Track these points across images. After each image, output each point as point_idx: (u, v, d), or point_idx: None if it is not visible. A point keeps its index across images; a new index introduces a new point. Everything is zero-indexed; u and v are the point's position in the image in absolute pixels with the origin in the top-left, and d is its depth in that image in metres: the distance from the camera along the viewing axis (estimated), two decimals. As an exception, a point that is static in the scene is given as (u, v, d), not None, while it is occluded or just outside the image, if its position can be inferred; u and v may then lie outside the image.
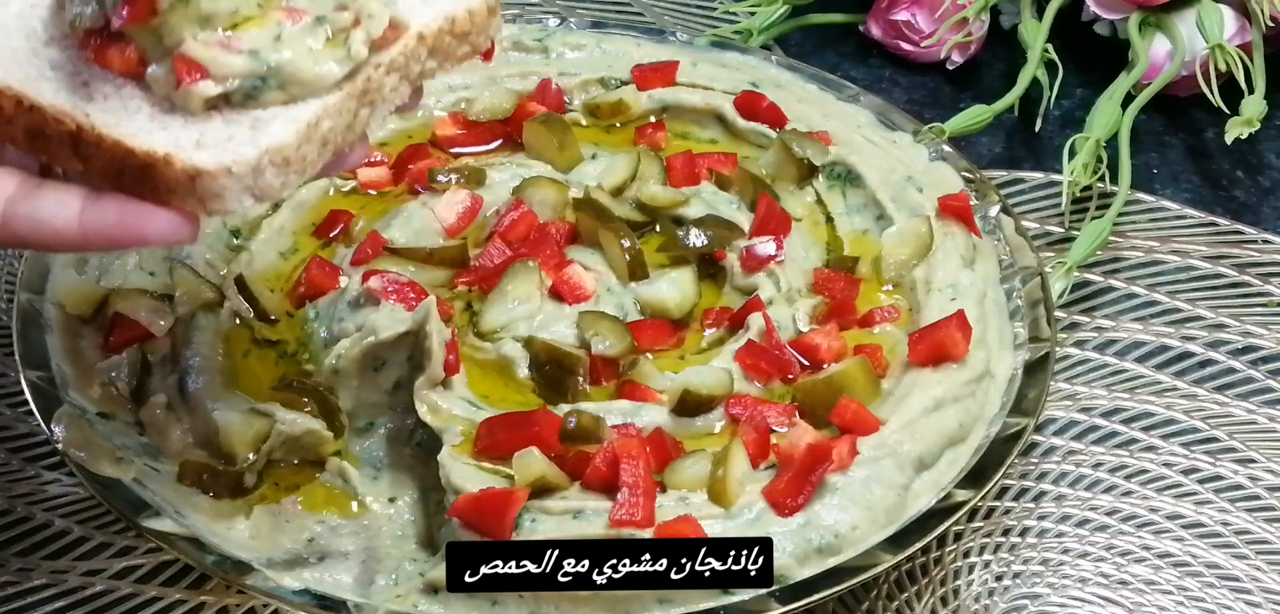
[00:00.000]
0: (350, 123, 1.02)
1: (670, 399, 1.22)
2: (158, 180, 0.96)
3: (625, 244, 1.33)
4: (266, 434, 1.19)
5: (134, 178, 0.97)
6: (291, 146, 0.98)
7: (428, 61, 1.06)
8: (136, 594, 1.21)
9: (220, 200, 0.97)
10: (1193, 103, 1.62)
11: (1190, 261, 1.51)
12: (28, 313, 1.27)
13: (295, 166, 0.99)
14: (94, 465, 1.17)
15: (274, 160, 0.98)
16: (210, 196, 0.96)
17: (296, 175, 0.99)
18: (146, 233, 0.97)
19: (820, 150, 1.44)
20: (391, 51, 1.03)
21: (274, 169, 0.98)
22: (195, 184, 0.96)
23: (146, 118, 0.98)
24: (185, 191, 0.96)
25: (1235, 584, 1.26)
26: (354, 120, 1.02)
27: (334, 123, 1.01)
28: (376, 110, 1.04)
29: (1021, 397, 1.27)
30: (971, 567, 1.26)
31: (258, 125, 0.98)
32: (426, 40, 1.05)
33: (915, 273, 1.35)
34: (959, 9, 1.64)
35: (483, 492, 1.14)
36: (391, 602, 1.13)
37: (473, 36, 1.07)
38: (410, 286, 1.26)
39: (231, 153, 0.97)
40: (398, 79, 1.04)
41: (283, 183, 0.99)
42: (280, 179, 0.98)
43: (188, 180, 0.96)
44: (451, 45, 1.06)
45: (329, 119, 1.01)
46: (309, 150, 1.00)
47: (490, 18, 1.07)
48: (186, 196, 0.96)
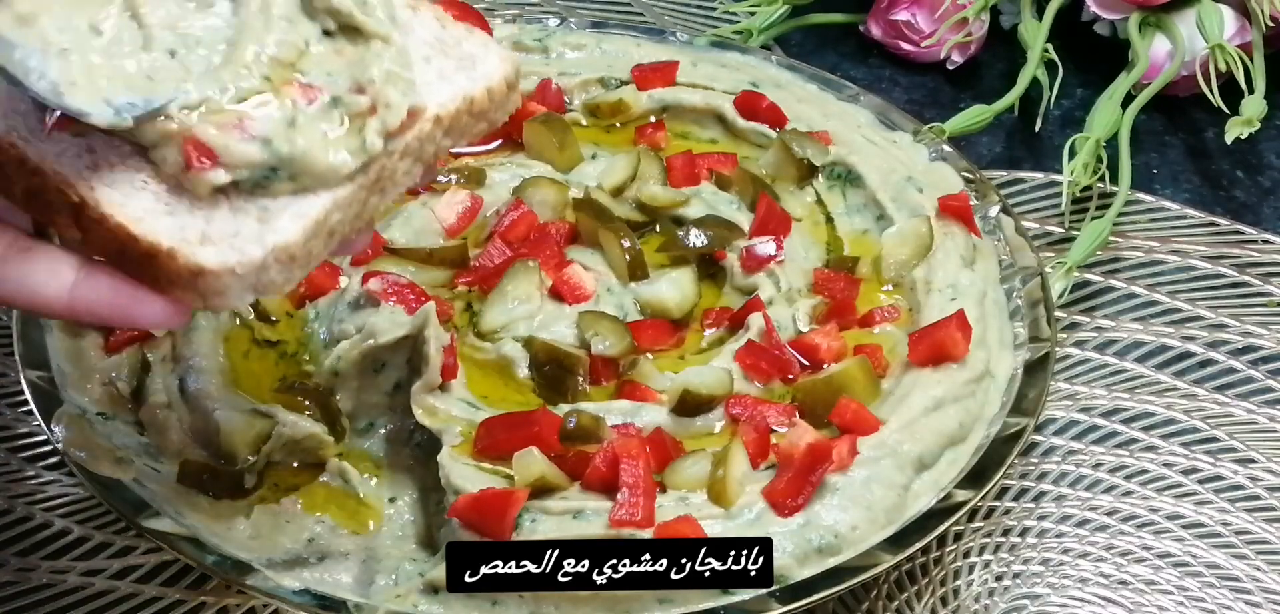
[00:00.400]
0: (359, 212, 0.99)
1: (670, 399, 1.22)
2: (159, 271, 0.93)
3: (625, 244, 1.33)
4: (267, 435, 1.19)
5: (134, 262, 0.94)
6: (298, 244, 0.95)
7: (443, 141, 1.01)
8: (136, 594, 1.21)
9: (222, 297, 0.94)
10: (1193, 103, 1.62)
11: (1190, 261, 1.51)
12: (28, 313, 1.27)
13: (300, 262, 0.96)
14: (94, 465, 1.17)
15: (280, 258, 0.95)
16: (212, 294, 0.94)
17: (300, 270, 0.96)
18: (136, 316, 0.95)
19: (820, 150, 1.44)
20: (407, 137, 0.99)
21: (279, 266, 0.95)
22: (197, 281, 0.93)
23: (152, 197, 0.95)
24: (186, 285, 0.93)
25: (1235, 584, 1.26)
26: (363, 209, 0.99)
27: (343, 214, 0.98)
28: (386, 195, 1.00)
29: (1021, 397, 1.27)
30: (971, 567, 1.26)
31: (265, 219, 0.95)
32: (443, 122, 1.01)
33: (915, 273, 1.35)
34: (959, 9, 1.64)
35: (482, 492, 1.14)
36: (391, 602, 1.13)
37: (491, 113, 1.02)
38: (410, 288, 1.26)
39: (237, 252, 0.94)
40: (411, 163, 1.00)
41: (286, 279, 0.96)
42: (284, 275, 0.95)
43: (190, 276, 0.93)
44: (468, 124, 1.02)
45: (338, 212, 0.97)
46: (315, 245, 0.96)
47: (509, 94, 1.03)
48: (187, 290, 0.94)
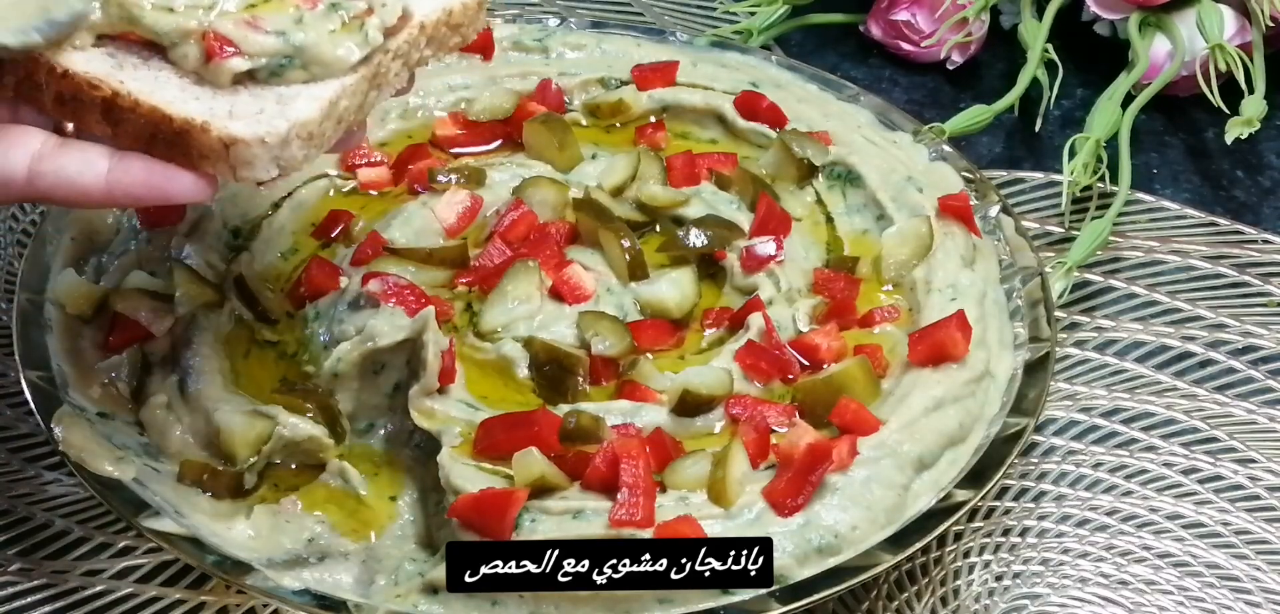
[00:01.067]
0: (362, 103, 1.09)
1: (670, 399, 1.22)
2: (191, 146, 1.03)
3: (625, 244, 1.33)
4: (268, 436, 1.19)
5: (166, 143, 1.03)
6: (315, 122, 1.05)
7: (425, 50, 1.12)
8: (136, 594, 1.21)
9: (250, 167, 1.03)
10: (1193, 103, 1.62)
11: (1190, 261, 1.51)
12: (28, 313, 1.27)
13: (316, 141, 1.06)
14: (94, 465, 1.17)
15: (300, 134, 1.04)
16: (241, 164, 1.03)
17: (316, 149, 1.06)
18: (171, 191, 1.03)
19: (820, 150, 1.44)
20: (399, 38, 1.10)
21: (299, 142, 1.05)
22: (229, 152, 1.03)
23: (177, 89, 1.05)
24: (217, 158, 1.03)
25: (1235, 584, 1.26)
26: (365, 101, 1.09)
27: (349, 102, 1.08)
28: (381, 93, 1.11)
29: (1021, 397, 1.27)
30: (971, 567, 1.26)
31: (284, 101, 1.05)
32: (426, 29, 1.12)
33: (915, 273, 1.35)
34: (959, 9, 1.64)
35: (482, 492, 1.14)
36: (391, 602, 1.13)
37: (463, 28, 1.14)
38: (410, 289, 1.26)
39: (264, 124, 1.03)
40: (401, 65, 1.11)
41: (305, 155, 1.05)
42: (304, 152, 1.05)
43: (222, 148, 1.02)
44: (445, 35, 1.13)
45: (346, 99, 1.07)
46: (328, 126, 1.07)
47: (479, 11, 1.15)
48: (218, 162, 1.03)
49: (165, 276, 1.30)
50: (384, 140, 1.45)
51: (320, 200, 1.40)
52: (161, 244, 1.32)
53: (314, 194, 1.40)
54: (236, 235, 1.36)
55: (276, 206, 1.38)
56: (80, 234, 1.33)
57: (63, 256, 1.32)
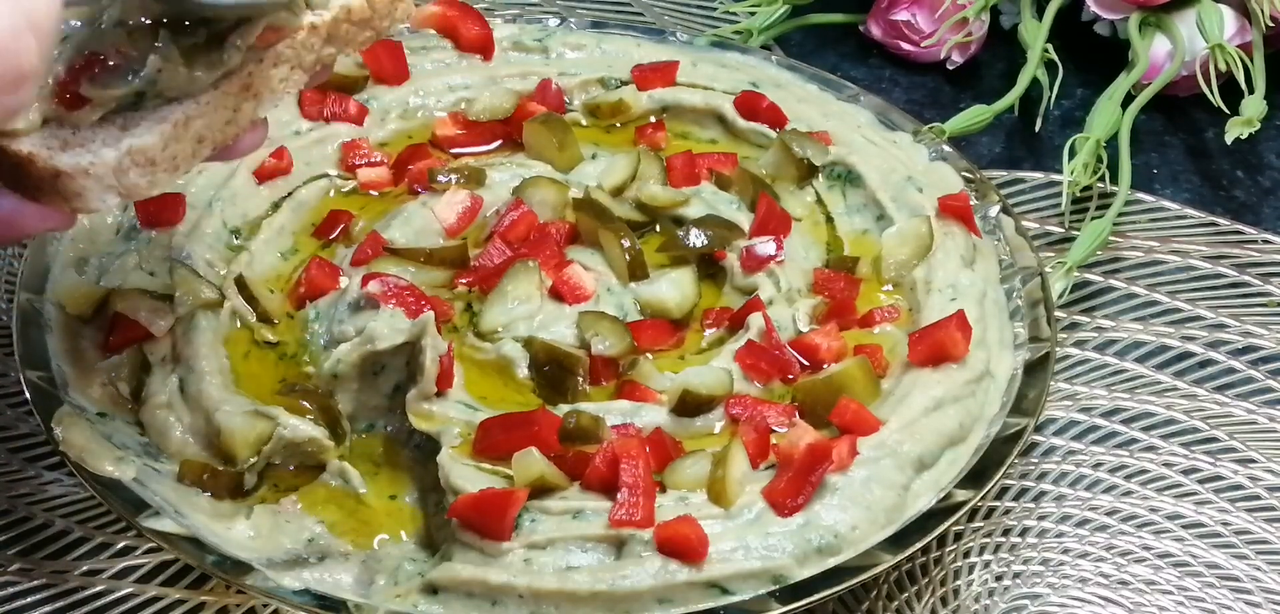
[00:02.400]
0: (230, 118, 1.05)
1: (670, 399, 1.22)
2: (26, 178, 1.00)
3: (625, 244, 1.33)
4: (268, 436, 1.19)
5: (7, 174, 1.00)
6: (156, 147, 1.01)
7: (325, 49, 1.08)
8: (136, 594, 1.21)
9: (81, 199, 1.00)
10: (1193, 103, 1.62)
11: (1190, 261, 1.51)
12: (28, 313, 1.27)
13: (163, 165, 1.02)
14: (94, 465, 1.17)
15: (138, 160, 1.01)
16: (72, 195, 1.00)
17: (165, 173, 1.02)
18: (23, 226, 1.02)
19: (820, 150, 1.44)
20: (277, 47, 1.05)
21: (138, 169, 1.01)
22: (56, 182, 0.99)
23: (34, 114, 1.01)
24: (50, 189, 1.00)
25: (1235, 584, 1.26)
26: (235, 115, 1.05)
27: (209, 120, 1.03)
28: (263, 101, 1.06)
29: (1021, 397, 1.27)
30: (971, 567, 1.26)
31: (126, 126, 1.01)
32: (320, 30, 1.07)
33: (915, 273, 1.35)
34: (959, 9, 1.64)
35: (482, 492, 1.14)
36: (391, 602, 1.13)
37: (375, 21, 1.09)
38: (410, 291, 1.26)
39: (92, 154, 1.00)
40: (288, 69, 1.06)
41: (149, 181, 1.01)
42: (146, 178, 1.01)
43: (50, 178, 0.99)
44: (351, 32, 1.09)
45: (201, 118, 1.03)
46: (179, 148, 1.02)
47: (395, 4, 1.10)
48: (52, 194, 1.00)
49: (165, 276, 1.30)
50: (384, 140, 1.45)
51: (320, 200, 1.40)
52: (161, 244, 1.32)
53: (314, 194, 1.40)
54: (236, 235, 1.36)
55: (276, 207, 1.38)
56: (80, 234, 1.33)
57: (63, 257, 1.32)
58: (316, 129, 1.43)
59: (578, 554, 1.13)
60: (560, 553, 1.13)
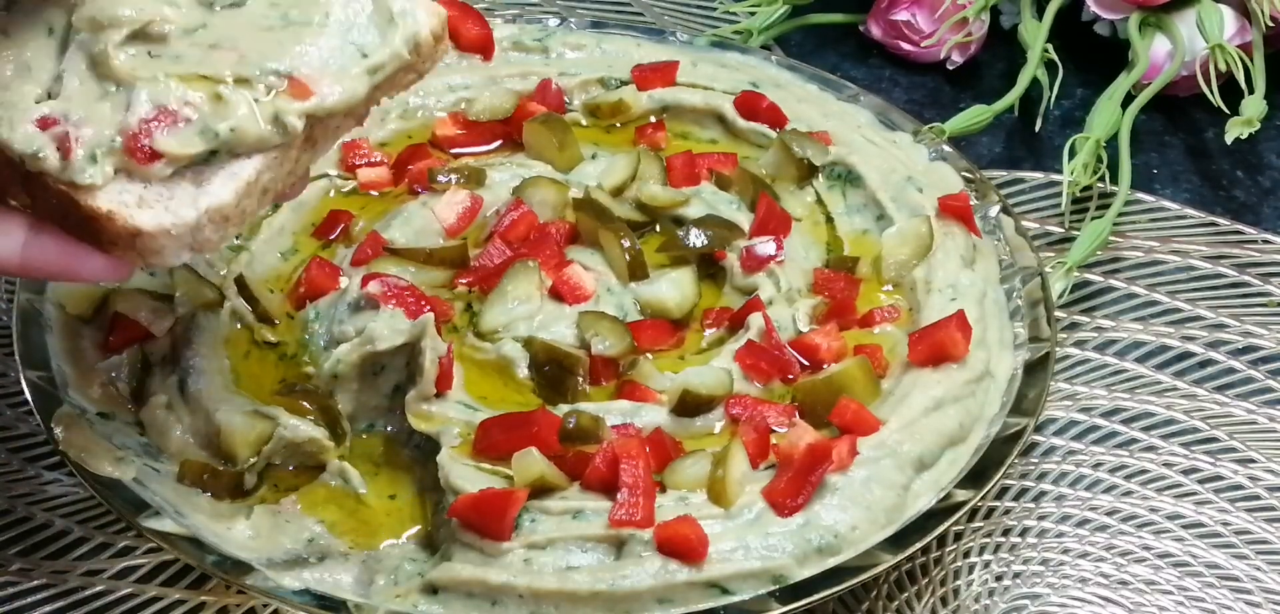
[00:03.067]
0: (291, 170, 1.06)
1: (670, 399, 1.22)
2: (100, 231, 1.00)
3: (625, 244, 1.33)
4: (268, 437, 1.20)
5: (77, 224, 1.01)
6: (231, 205, 1.03)
7: (374, 94, 1.08)
8: (136, 594, 1.21)
9: (159, 256, 1.01)
10: (1193, 103, 1.62)
11: (1190, 261, 1.51)
12: (28, 313, 1.27)
13: (234, 221, 1.03)
14: (94, 465, 1.17)
15: (213, 219, 1.02)
16: (149, 253, 1.01)
17: (234, 227, 1.03)
18: (81, 273, 1.03)
19: (820, 150, 1.44)
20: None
21: (213, 225, 1.02)
22: (135, 241, 1.01)
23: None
24: (125, 245, 1.01)
25: (1235, 584, 1.26)
26: (295, 166, 1.06)
27: (275, 173, 1.05)
28: (319, 151, 1.07)
29: (1021, 397, 1.27)
30: (971, 567, 1.26)
31: (200, 182, 1.02)
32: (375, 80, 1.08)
33: (915, 273, 1.35)
34: (959, 9, 1.64)
35: (482, 492, 1.14)
36: (391, 602, 1.13)
37: (419, 65, 1.10)
38: (410, 291, 1.25)
39: (172, 214, 1.01)
40: (342, 118, 1.07)
41: (221, 237, 1.03)
42: (219, 234, 1.03)
43: (128, 237, 1.00)
44: (399, 77, 1.09)
45: (269, 171, 1.04)
46: (248, 203, 1.04)
47: (437, 46, 1.11)
48: (126, 250, 1.01)
49: (165, 277, 1.30)
50: (384, 140, 1.45)
51: (320, 200, 1.40)
52: (161, 244, 1.32)
53: (314, 194, 1.40)
54: (236, 235, 1.36)
55: (276, 207, 1.38)
56: (80, 234, 1.33)
57: (63, 256, 1.32)
58: (316, 129, 1.43)
59: (578, 554, 1.13)
60: (560, 553, 1.13)
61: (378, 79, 1.08)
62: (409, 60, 1.09)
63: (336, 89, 1.06)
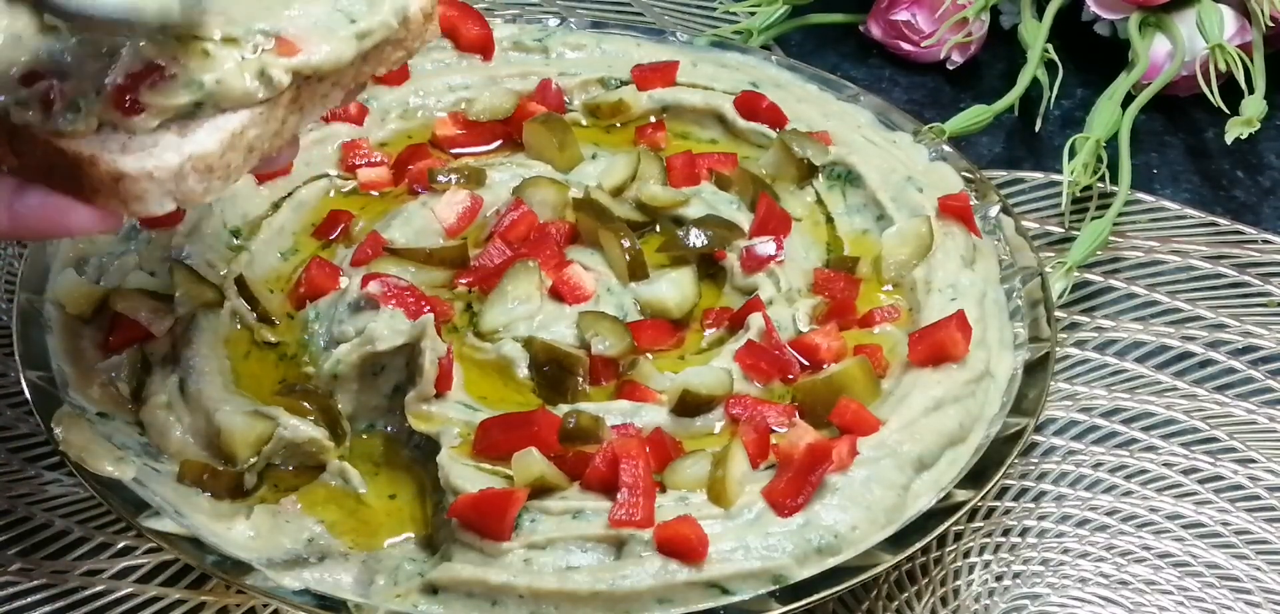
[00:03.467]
0: (278, 129, 1.06)
1: (670, 399, 1.22)
2: (83, 179, 1.01)
3: (625, 244, 1.33)
4: (268, 437, 1.19)
5: (63, 174, 1.01)
6: (215, 155, 1.03)
7: (363, 68, 1.09)
8: (136, 594, 1.21)
9: (141, 202, 1.01)
10: (1193, 103, 1.62)
11: (1190, 261, 1.51)
12: (28, 313, 1.27)
13: (219, 173, 1.03)
14: (94, 465, 1.17)
15: (197, 167, 1.02)
16: (132, 198, 1.01)
17: (220, 181, 1.03)
18: (68, 224, 1.03)
19: (820, 150, 1.44)
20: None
21: (197, 175, 1.02)
22: (118, 186, 1.01)
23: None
24: (108, 192, 1.01)
25: (1235, 584, 1.26)
26: (282, 127, 1.06)
27: (261, 130, 1.05)
28: (306, 115, 1.08)
29: (1021, 397, 1.27)
30: (971, 567, 1.26)
31: (184, 131, 1.02)
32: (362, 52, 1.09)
33: (915, 273, 1.35)
34: (959, 9, 1.64)
35: (482, 492, 1.14)
36: (391, 602, 1.13)
37: (407, 42, 1.11)
38: (410, 292, 1.25)
39: (154, 158, 1.01)
40: (329, 86, 1.08)
41: (205, 188, 1.03)
42: (203, 184, 1.02)
43: (111, 182, 1.00)
44: (388, 53, 1.10)
45: (255, 128, 1.04)
46: (233, 157, 1.04)
47: (426, 24, 1.11)
48: (110, 197, 1.01)
49: (165, 277, 1.30)
50: (384, 140, 1.45)
51: (320, 200, 1.40)
52: (161, 244, 1.32)
53: (314, 194, 1.40)
54: (236, 235, 1.36)
55: (276, 207, 1.38)
56: (80, 234, 1.33)
57: (63, 257, 1.32)
58: (316, 129, 1.43)
59: (578, 554, 1.13)
60: (560, 553, 1.13)
61: (365, 46, 1.08)
62: (397, 32, 1.09)
63: (324, 48, 1.06)
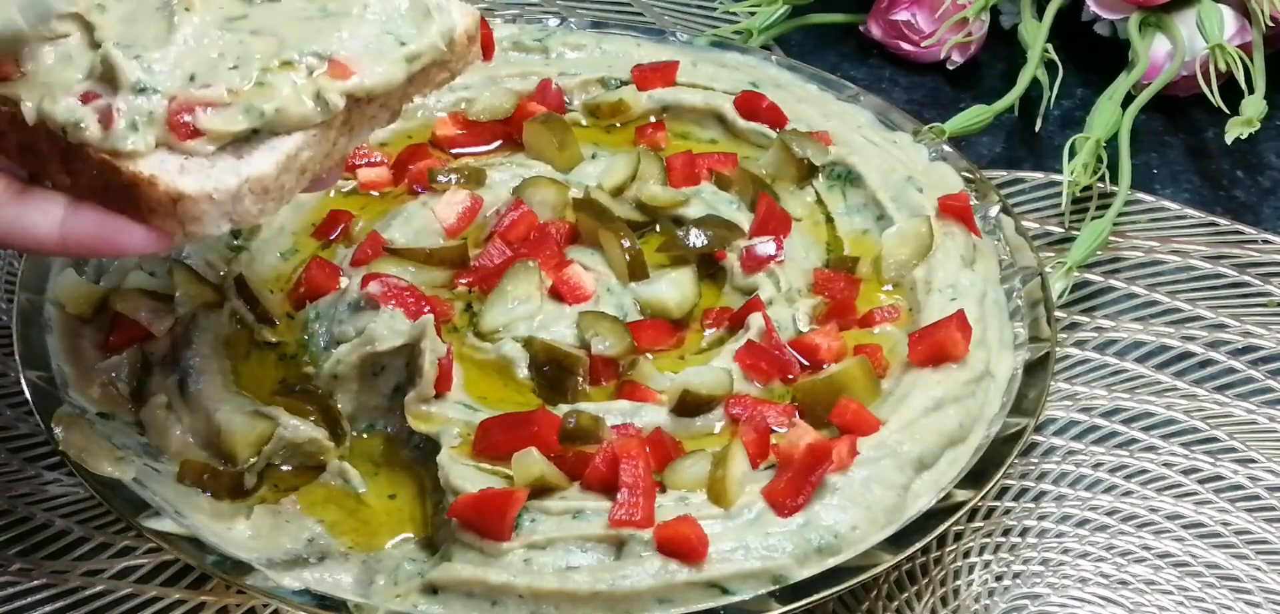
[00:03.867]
0: (329, 151, 1.07)
1: (670, 399, 1.22)
2: (140, 199, 1.01)
3: (625, 244, 1.33)
4: (268, 437, 1.19)
5: (118, 194, 1.02)
6: (271, 177, 1.04)
7: (409, 88, 1.11)
8: (136, 594, 1.21)
9: (199, 224, 1.02)
10: (1193, 103, 1.62)
11: (1190, 261, 1.51)
12: (28, 313, 1.27)
13: (273, 195, 1.04)
14: (94, 465, 1.17)
15: (254, 189, 1.03)
16: (189, 219, 1.02)
17: (274, 202, 1.04)
18: (122, 245, 1.03)
19: (820, 150, 1.44)
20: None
21: (253, 196, 1.03)
22: (176, 207, 1.01)
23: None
24: (165, 212, 1.01)
25: (1235, 584, 1.26)
26: (333, 148, 1.08)
27: (314, 153, 1.06)
28: (355, 137, 1.09)
29: (1021, 397, 1.27)
30: (971, 567, 1.26)
31: (241, 153, 1.03)
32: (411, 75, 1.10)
33: (915, 273, 1.35)
34: (959, 9, 1.64)
35: (482, 492, 1.14)
36: (391, 602, 1.13)
37: (452, 64, 1.13)
38: (410, 292, 1.25)
39: (213, 180, 1.02)
40: (377, 108, 1.10)
41: (260, 210, 1.04)
42: (258, 206, 1.04)
43: (170, 202, 1.01)
44: (433, 74, 1.12)
45: (309, 150, 1.06)
46: (288, 179, 1.05)
47: (469, 46, 1.13)
48: (166, 217, 1.01)
49: (165, 277, 1.30)
50: (384, 140, 1.45)
51: (320, 200, 1.40)
52: (161, 244, 1.32)
53: (314, 194, 1.40)
54: (236, 235, 1.36)
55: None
56: (80, 234, 1.33)
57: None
58: (316, 129, 1.43)
59: (578, 554, 1.13)
60: (560, 553, 1.13)
61: (414, 68, 1.10)
62: (444, 54, 1.11)
63: (377, 70, 1.08)
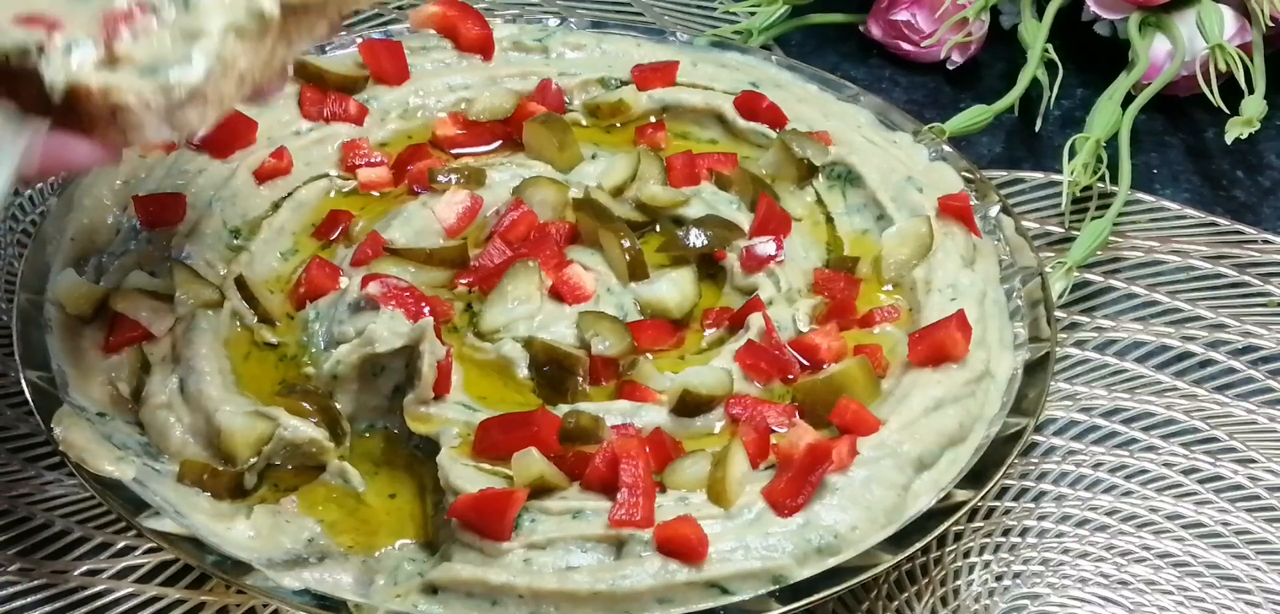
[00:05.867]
0: (268, 59, 1.08)
1: (670, 399, 1.22)
2: (82, 113, 1.03)
3: (625, 244, 1.33)
4: (268, 437, 1.19)
5: (62, 110, 1.03)
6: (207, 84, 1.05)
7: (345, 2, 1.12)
8: (136, 594, 1.21)
9: (139, 132, 1.04)
10: (1193, 103, 1.62)
11: (1190, 261, 1.51)
12: (28, 313, 1.27)
13: (212, 102, 1.05)
14: (94, 465, 1.17)
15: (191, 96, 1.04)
16: (130, 128, 1.03)
17: (214, 110, 1.06)
18: (69, 159, 1.05)
19: (820, 150, 1.44)
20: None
21: (191, 104, 1.04)
22: (116, 117, 1.03)
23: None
24: (107, 124, 1.03)
25: (1235, 584, 1.26)
26: (272, 57, 1.09)
27: (250, 60, 1.07)
28: (295, 46, 1.10)
29: (1021, 397, 1.27)
30: (971, 567, 1.26)
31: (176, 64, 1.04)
32: None
33: (915, 273, 1.35)
34: (959, 9, 1.64)
35: (482, 492, 1.14)
36: (391, 602, 1.13)
37: None
38: (410, 292, 1.25)
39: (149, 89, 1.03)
40: (315, 18, 1.11)
41: (199, 117, 1.05)
42: (198, 113, 1.05)
43: (109, 114, 1.03)
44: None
45: (245, 58, 1.07)
46: (227, 87, 1.06)
47: None
48: (109, 128, 1.03)
49: (165, 276, 1.30)
50: (384, 140, 1.45)
51: (320, 200, 1.40)
52: (161, 244, 1.32)
53: (314, 194, 1.40)
54: (236, 235, 1.36)
55: (276, 207, 1.38)
56: (80, 234, 1.33)
57: (63, 257, 1.32)
58: (316, 129, 1.44)
59: (578, 554, 1.13)
60: (560, 553, 1.13)
61: None
62: None
63: None
